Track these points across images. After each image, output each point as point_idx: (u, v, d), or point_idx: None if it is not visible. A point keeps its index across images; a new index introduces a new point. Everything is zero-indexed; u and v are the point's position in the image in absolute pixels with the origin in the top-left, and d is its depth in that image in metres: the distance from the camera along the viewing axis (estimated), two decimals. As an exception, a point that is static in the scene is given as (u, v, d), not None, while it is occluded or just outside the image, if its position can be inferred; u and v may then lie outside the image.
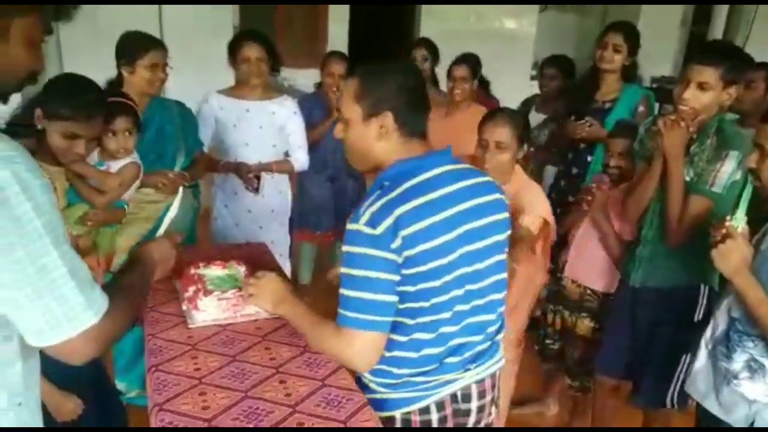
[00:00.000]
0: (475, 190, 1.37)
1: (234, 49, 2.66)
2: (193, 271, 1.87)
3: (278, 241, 2.92)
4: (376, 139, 1.33)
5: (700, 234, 1.64)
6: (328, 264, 3.85)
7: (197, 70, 3.59)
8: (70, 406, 1.57)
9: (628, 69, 2.87)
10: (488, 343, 1.47)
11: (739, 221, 1.50)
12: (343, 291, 1.28)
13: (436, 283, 1.30)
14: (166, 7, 5.14)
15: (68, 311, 0.94)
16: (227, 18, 5.41)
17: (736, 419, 1.54)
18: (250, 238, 2.75)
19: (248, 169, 2.64)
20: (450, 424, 1.43)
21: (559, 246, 2.69)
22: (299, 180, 3.36)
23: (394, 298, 1.27)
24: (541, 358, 2.65)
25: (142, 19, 4.92)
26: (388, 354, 1.35)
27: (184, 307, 1.77)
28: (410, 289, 1.29)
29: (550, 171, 3.33)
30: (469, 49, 3.38)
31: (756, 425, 1.50)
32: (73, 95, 1.66)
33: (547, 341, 2.58)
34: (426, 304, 1.31)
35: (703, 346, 1.67)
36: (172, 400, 1.40)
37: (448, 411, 1.44)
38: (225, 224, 2.84)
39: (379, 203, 1.26)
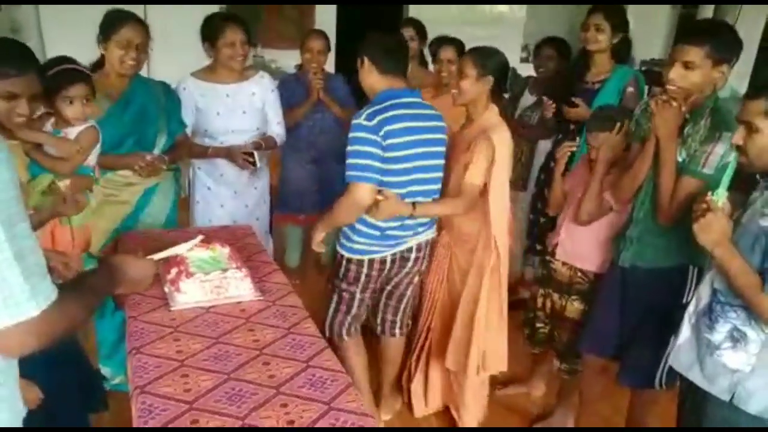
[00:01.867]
0: (429, 116, 2.14)
1: (215, 33, 2.57)
2: (175, 252, 1.83)
3: (262, 219, 2.93)
4: (365, 75, 2.11)
5: (689, 215, 1.64)
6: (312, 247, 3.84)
7: (182, 53, 3.52)
8: (31, 396, 1.53)
9: (619, 48, 2.84)
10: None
11: (719, 197, 1.51)
12: (349, 161, 1.99)
13: (399, 166, 2.03)
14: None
15: (7, 298, 0.89)
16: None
17: (719, 389, 1.54)
18: (237, 218, 2.73)
19: (240, 151, 2.62)
20: (397, 264, 2.23)
21: (548, 228, 2.68)
22: (282, 162, 3.32)
23: (380, 165, 2.00)
24: (530, 343, 2.64)
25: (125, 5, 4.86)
26: None
27: (166, 290, 1.74)
28: (384, 167, 2.01)
29: (542, 150, 3.31)
30: (458, 31, 3.32)
31: (737, 395, 1.50)
32: None
33: (537, 325, 2.56)
34: (393, 180, 2.04)
35: (687, 319, 1.68)
36: (154, 382, 1.38)
37: (398, 257, 2.22)
38: (208, 207, 2.80)
39: (372, 108, 2.00)
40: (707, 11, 5.41)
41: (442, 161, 2.18)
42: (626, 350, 2.18)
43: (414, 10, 5.98)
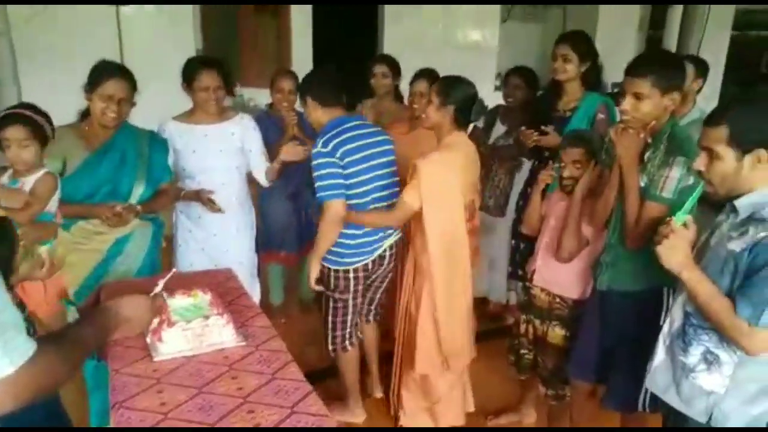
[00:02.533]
0: (374, 133, 2.49)
1: (191, 77, 2.63)
2: (157, 301, 1.82)
3: (246, 262, 2.90)
4: (311, 111, 2.44)
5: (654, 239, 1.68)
6: (298, 282, 3.83)
7: (157, 93, 3.55)
8: None
9: (588, 76, 2.91)
10: None
11: (679, 221, 1.54)
12: (318, 184, 2.32)
13: (359, 179, 2.36)
14: (126, 30, 5.09)
15: None
16: (189, 40, 5.37)
17: (697, 412, 1.56)
18: (217, 261, 2.71)
19: (206, 196, 2.66)
20: (377, 264, 2.52)
21: (529, 253, 2.71)
22: (260, 201, 3.33)
23: (344, 181, 2.32)
24: (516, 369, 2.65)
25: (101, 41, 4.89)
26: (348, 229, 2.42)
27: (148, 340, 1.72)
28: (347, 182, 2.34)
29: (521, 176, 3.37)
30: (433, 60, 3.41)
31: (714, 416, 1.52)
32: None
33: (522, 351, 2.58)
34: (356, 192, 2.37)
35: (661, 341, 1.69)
36: (137, 437, 1.36)
37: (376, 259, 2.51)
38: (189, 250, 2.80)
39: (325, 137, 2.32)
40: (673, 34, 5.58)
41: (394, 168, 2.53)
42: (608, 374, 2.20)
43: (388, 45, 6.09)
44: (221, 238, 2.80)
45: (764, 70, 8.11)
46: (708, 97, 3.88)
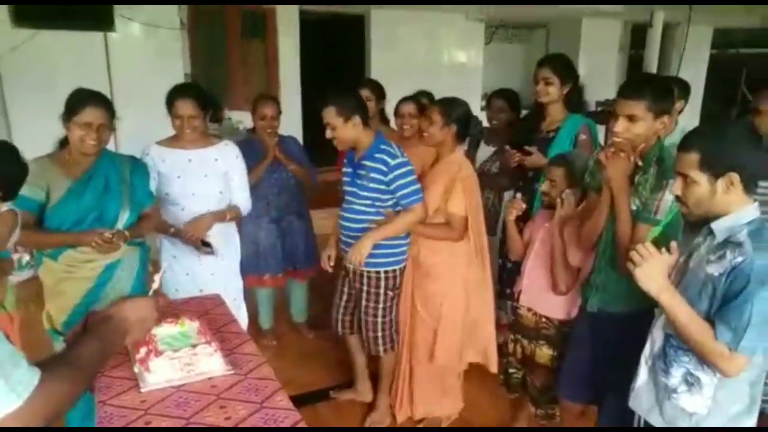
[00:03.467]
0: None
1: (169, 104, 2.65)
2: (144, 331, 1.82)
3: (231, 287, 2.87)
4: (353, 130, 2.50)
5: None
6: (285, 305, 3.82)
7: (145, 117, 3.56)
8: None
9: (570, 97, 2.97)
10: None
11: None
12: (411, 189, 2.48)
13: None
14: (114, 56, 5.12)
15: None
16: (178, 65, 5.41)
17: None
18: (202, 286, 2.71)
19: (199, 240, 2.67)
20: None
21: (516, 273, 2.74)
22: (244, 225, 3.34)
23: None
24: (506, 388, 2.66)
25: (89, 67, 4.91)
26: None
27: (136, 370, 1.72)
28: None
29: (509, 196, 3.41)
30: (420, 83, 3.46)
31: None
32: None
33: (511, 371, 2.60)
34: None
35: (643, 362, 1.71)
36: (124, 471, 1.35)
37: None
38: (174, 275, 2.78)
39: (392, 146, 2.52)
40: (653, 55, 5.69)
41: None
42: (602, 395, 2.21)
43: (376, 68, 6.16)
44: (206, 264, 2.79)
45: (744, 87, 8.27)
46: (688, 115, 3.95)
